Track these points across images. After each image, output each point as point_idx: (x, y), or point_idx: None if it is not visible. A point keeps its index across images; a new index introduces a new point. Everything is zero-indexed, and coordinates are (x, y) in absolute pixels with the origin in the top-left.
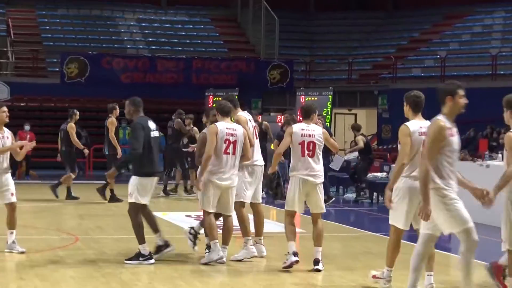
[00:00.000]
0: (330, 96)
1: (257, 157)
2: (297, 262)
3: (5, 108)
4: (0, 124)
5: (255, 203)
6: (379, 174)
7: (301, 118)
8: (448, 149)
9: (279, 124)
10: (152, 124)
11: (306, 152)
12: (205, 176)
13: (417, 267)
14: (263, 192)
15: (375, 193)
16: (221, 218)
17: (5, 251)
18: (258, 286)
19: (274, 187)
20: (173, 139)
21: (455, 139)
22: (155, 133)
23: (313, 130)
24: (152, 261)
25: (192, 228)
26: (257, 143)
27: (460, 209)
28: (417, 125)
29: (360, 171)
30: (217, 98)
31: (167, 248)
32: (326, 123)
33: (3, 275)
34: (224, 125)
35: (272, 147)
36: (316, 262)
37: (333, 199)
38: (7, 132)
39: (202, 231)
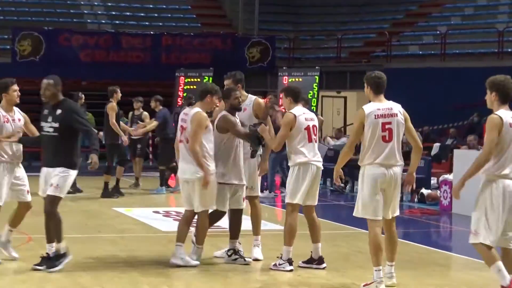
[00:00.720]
0: (317, 77)
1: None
2: (291, 271)
3: (16, 87)
4: (10, 105)
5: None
6: None
7: (291, 100)
8: None
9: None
10: None
11: (313, 137)
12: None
13: None
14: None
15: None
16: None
17: None
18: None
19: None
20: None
21: None
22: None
23: (310, 113)
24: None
25: (231, 251)
26: None
27: None
28: (375, 107)
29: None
30: (189, 79)
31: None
32: (312, 108)
33: None
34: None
35: None
36: (322, 260)
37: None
38: (18, 114)
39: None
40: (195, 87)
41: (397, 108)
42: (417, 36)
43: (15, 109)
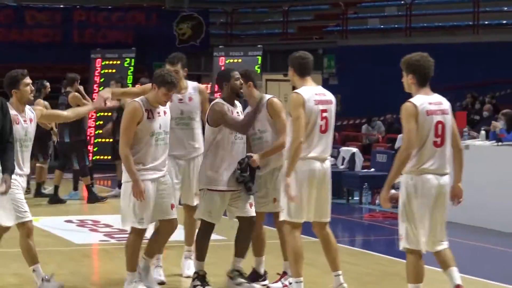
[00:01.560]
0: (259, 57)
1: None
2: None
3: (28, 80)
4: (22, 103)
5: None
6: None
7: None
8: None
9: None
10: None
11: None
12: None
13: None
14: None
15: None
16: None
17: None
18: None
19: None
20: None
21: None
22: None
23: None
24: None
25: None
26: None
27: None
28: (310, 91)
29: None
30: (107, 62)
31: None
32: None
33: None
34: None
35: None
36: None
37: None
38: (30, 113)
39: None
40: (114, 71)
41: (330, 94)
42: (377, 8)
43: (27, 108)
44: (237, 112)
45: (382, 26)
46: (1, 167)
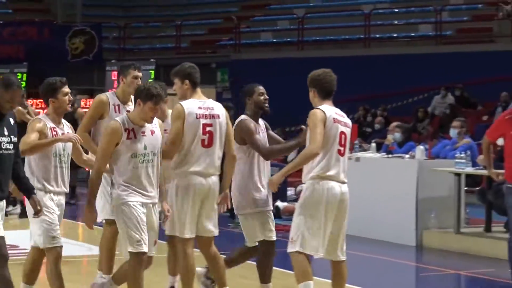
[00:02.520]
0: (152, 72)
1: None
2: None
3: (67, 89)
4: (59, 114)
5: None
6: None
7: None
8: None
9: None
10: None
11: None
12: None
13: None
14: None
15: None
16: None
17: None
18: None
19: None
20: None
21: None
22: None
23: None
24: None
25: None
26: None
27: None
28: (195, 105)
29: None
30: None
31: None
32: None
33: None
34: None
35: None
36: None
37: None
38: (66, 126)
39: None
40: None
41: (219, 108)
42: (270, 21)
43: (63, 121)
44: (261, 130)
45: (274, 40)
46: (24, 187)
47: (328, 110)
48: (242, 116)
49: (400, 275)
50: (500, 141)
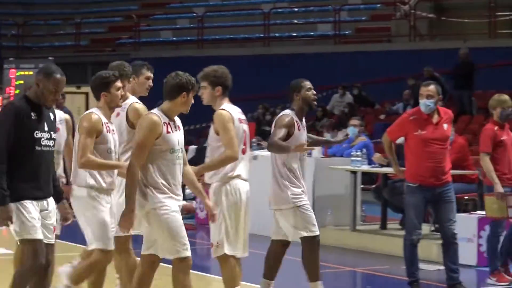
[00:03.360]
0: None
1: None
2: None
3: (120, 83)
4: (110, 108)
5: None
6: None
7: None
8: None
9: None
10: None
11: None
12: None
13: None
14: None
15: None
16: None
17: None
18: None
19: None
20: None
21: None
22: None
23: None
24: None
25: None
26: None
27: None
28: (235, 109)
29: None
30: None
31: None
32: None
33: None
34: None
35: None
36: None
37: None
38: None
39: None
40: None
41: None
42: (170, 20)
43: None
44: (303, 127)
45: (174, 38)
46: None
47: (232, 110)
48: (286, 111)
49: (296, 272)
50: (399, 140)
